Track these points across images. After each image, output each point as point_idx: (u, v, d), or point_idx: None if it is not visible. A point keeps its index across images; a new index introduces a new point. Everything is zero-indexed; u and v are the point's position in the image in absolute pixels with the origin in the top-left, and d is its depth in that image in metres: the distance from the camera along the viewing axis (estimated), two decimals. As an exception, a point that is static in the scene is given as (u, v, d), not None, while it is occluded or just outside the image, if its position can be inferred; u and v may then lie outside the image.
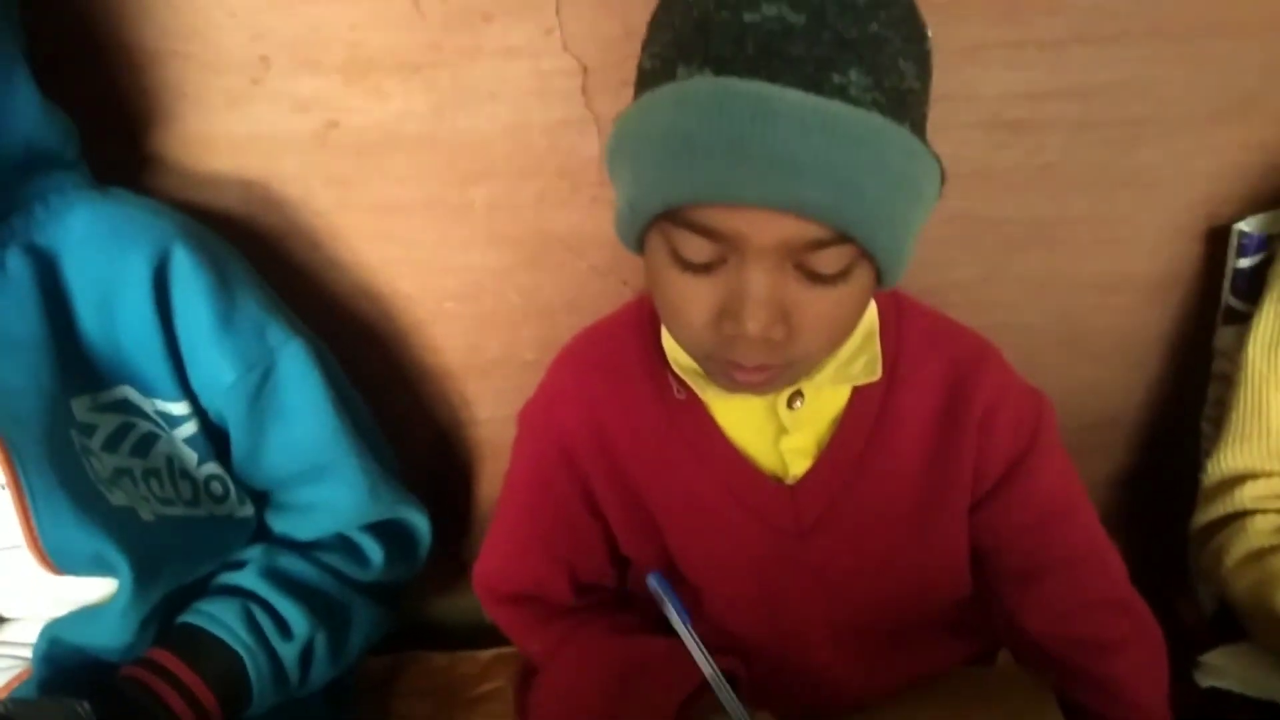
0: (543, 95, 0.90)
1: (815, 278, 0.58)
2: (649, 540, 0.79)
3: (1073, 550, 0.78)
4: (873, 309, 0.72)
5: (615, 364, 0.78)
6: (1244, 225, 0.96)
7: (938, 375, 0.75)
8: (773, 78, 0.52)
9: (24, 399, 0.73)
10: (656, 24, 0.60)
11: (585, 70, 0.88)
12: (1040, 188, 0.97)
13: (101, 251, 0.77)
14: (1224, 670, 0.85)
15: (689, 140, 0.53)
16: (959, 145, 0.93)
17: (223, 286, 0.80)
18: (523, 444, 0.82)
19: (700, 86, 0.53)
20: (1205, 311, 1.04)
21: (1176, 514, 1.00)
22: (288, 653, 0.82)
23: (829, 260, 0.57)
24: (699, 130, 0.53)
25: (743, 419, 0.75)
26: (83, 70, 0.86)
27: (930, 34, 0.60)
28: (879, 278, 0.61)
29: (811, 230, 0.55)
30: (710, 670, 0.72)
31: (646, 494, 0.77)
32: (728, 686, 0.72)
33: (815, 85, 0.52)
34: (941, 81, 0.61)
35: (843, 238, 0.56)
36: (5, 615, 0.82)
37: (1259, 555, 0.86)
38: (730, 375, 0.63)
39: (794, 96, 0.52)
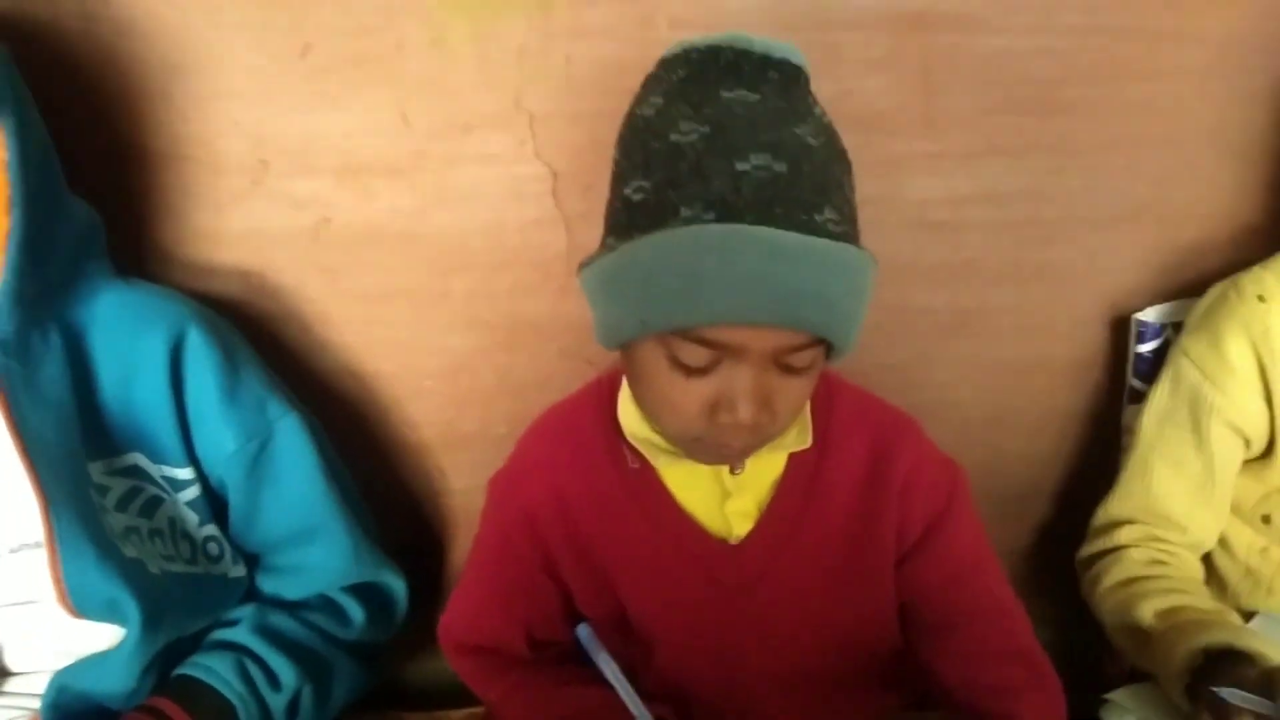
0: (517, 197, 0.99)
1: (791, 370, 0.69)
2: (604, 597, 0.86)
3: (981, 604, 0.86)
4: None
5: (577, 437, 0.85)
6: (1142, 315, 1.06)
7: (864, 445, 0.84)
8: (772, 222, 0.63)
9: (58, 453, 0.80)
10: (637, 159, 0.69)
11: (555, 175, 0.98)
12: (962, 281, 1.07)
13: (125, 332, 0.84)
14: (1127, 707, 0.93)
15: (708, 277, 0.63)
16: (889, 244, 1.02)
17: (229, 365, 0.88)
18: (490, 510, 0.89)
19: (714, 232, 0.63)
20: (1114, 391, 1.13)
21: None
22: (276, 703, 0.88)
23: (805, 357, 0.69)
24: (718, 269, 0.63)
25: (691, 484, 0.83)
26: (101, 171, 0.94)
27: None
28: (828, 358, 0.72)
29: (798, 338, 0.67)
30: (639, 712, 0.80)
31: (603, 554, 0.84)
32: None
33: (807, 227, 0.64)
34: (872, 187, 0.72)
35: (818, 340, 0.67)
36: (12, 669, 0.88)
37: (1131, 581, 0.97)
38: (718, 453, 0.74)
39: (793, 239, 0.63)
